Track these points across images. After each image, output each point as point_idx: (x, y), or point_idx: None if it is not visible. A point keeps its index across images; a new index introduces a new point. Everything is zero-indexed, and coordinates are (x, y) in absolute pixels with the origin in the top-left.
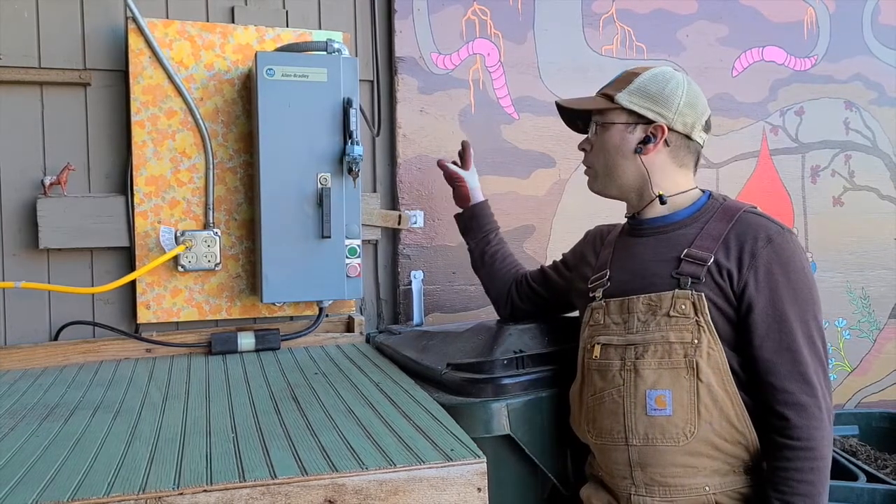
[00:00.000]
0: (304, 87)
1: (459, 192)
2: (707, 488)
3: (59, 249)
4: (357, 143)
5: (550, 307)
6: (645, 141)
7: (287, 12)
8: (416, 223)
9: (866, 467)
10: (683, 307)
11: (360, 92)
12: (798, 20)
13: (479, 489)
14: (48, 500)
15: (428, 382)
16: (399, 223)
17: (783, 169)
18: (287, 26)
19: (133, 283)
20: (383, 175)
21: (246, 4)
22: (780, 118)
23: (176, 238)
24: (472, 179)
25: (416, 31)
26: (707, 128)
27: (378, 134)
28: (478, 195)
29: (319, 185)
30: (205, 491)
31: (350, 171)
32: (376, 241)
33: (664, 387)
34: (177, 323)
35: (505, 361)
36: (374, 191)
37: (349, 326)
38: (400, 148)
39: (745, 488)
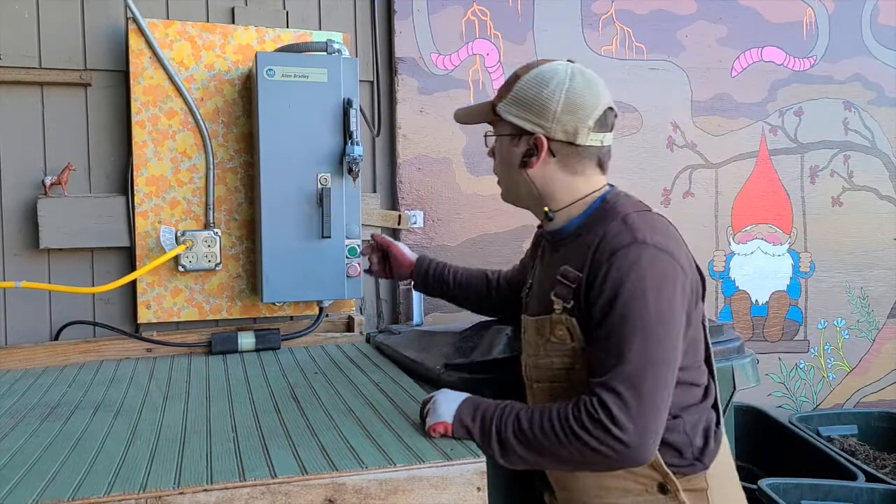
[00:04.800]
0: (304, 88)
1: (396, 257)
2: None
3: (60, 249)
4: (357, 144)
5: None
6: (528, 154)
7: (287, 13)
8: (416, 223)
9: (865, 467)
10: (560, 333)
11: (360, 92)
12: (797, 20)
13: (479, 488)
14: (49, 500)
15: (428, 382)
16: (399, 223)
17: (782, 169)
18: (287, 27)
19: (133, 283)
20: (383, 175)
21: (246, 5)
22: (780, 118)
23: (176, 238)
24: (399, 244)
25: (416, 32)
26: (602, 126)
27: (378, 134)
28: (411, 254)
29: (319, 186)
30: (205, 490)
31: (350, 171)
32: None
33: None
34: (177, 323)
35: (504, 361)
36: (374, 191)
37: (349, 326)
38: (400, 148)
39: None
